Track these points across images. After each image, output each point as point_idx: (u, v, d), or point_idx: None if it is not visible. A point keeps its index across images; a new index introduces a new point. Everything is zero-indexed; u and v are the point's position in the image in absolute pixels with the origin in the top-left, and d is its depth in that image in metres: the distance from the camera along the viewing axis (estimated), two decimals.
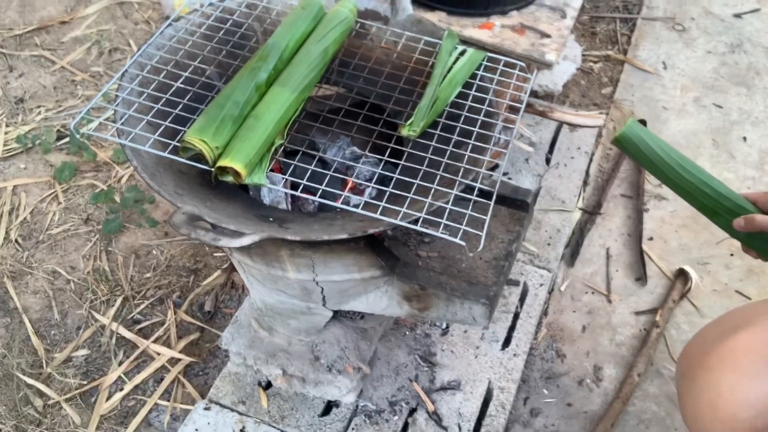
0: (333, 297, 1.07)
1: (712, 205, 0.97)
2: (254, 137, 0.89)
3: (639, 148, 0.98)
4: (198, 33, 1.10)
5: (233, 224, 0.84)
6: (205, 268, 1.63)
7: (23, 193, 1.76)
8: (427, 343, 1.40)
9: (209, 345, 1.49)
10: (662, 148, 0.97)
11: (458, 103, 1.02)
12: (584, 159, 1.82)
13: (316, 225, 0.92)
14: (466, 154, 0.94)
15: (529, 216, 1.13)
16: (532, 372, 1.46)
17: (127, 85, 0.98)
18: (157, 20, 2.24)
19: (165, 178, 0.91)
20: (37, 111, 1.95)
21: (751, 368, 0.85)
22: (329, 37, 1.04)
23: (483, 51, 1.09)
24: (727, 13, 2.38)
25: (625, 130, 0.98)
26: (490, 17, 1.37)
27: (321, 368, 1.21)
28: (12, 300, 1.56)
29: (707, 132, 2.00)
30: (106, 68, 2.08)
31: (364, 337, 1.25)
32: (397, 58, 1.11)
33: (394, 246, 1.06)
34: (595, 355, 1.50)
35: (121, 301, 1.56)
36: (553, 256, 1.58)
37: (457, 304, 0.99)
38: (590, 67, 2.18)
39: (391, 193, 0.90)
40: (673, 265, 1.67)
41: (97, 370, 1.45)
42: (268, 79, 0.98)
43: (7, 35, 2.15)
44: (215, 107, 0.92)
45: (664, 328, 1.53)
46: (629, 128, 0.98)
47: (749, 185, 1.84)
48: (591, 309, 1.59)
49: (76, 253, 1.65)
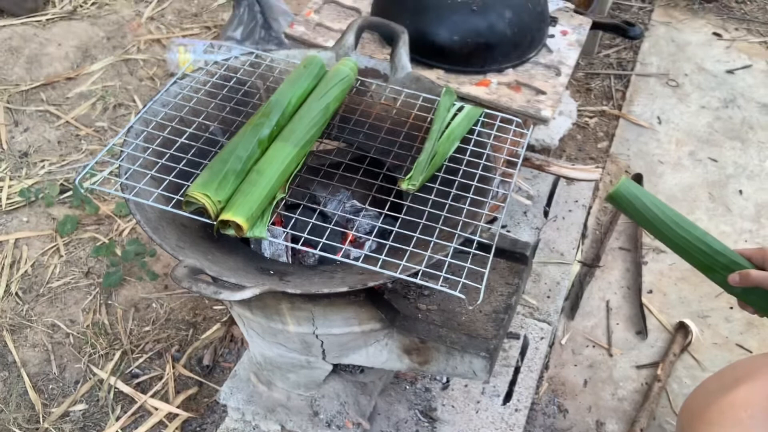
0: (333, 350, 1.07)
1: (708, 262, 0.98)
2: (256, 191, 0.91)
3: (633, 205, 0.99)
4: (202, 90, 1.12)
5: (234, 277, 0.84)
6: (204, 321, 1.62)
7: (25, 246, 1.77)
8: (427, 398, 1.39)
9: (207, 400, 1.48)
10: (656, 204, 0.99)
11: (457, 158, 1.03)
12: (582, 212, 1.83)
13: (316, 278, 0.92)
14: (465, 208, 0.95)
15: (528, 269, 1.13)
16: (534, 428, 1.44)
17: (132, 140, 1.00)
18: (162, 77, 2.29)
19: (167, 231, 0.92)
20: (41, 165, 1.98)
21: (750, 422, 0.84)
22: (330, 94, 1.06)
23: (480, 107, 1.11)
24: (720, 69, 2.43)
25: (618, 187, 0.99)
26: (487, 75, 1.40)
27: (320, 424, 1.19)
28: (10, 353, 1.55)
29: (703, 185, 2.02)
30: (111, 123, 2.12)
31: (364, 391, 1.24)
32: (397, 114, 1.13)
33: (394, 299, 1.07)
34: (597, 410, 1.49)
35: (120, 355, 1.55)
36: (553, 309, 1.58)
37: (457, 358, 0.99)
38: (586, 122, 2.22)
39: (391, 246, 0.90)
40: (673, 318, 1.66)
41: (95, 425, 1.43)
42: (270, 134, 1.00)
43: (14, 91, 2.19)
44: (219, 162, 0.94)
45: (665, 382, 1.52)
46: (622, 185, 0.99)
47: (746, 238, 1.86)
48: (592, 363, 1.58)
49: (75, 306, 1.65)
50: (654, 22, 2.67)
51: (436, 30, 1.38)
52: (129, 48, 2.39)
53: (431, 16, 1.38)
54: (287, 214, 1.00)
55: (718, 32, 2.62)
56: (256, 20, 2.26)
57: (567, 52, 1.48)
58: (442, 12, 1.37)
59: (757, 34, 2.63)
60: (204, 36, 2.46)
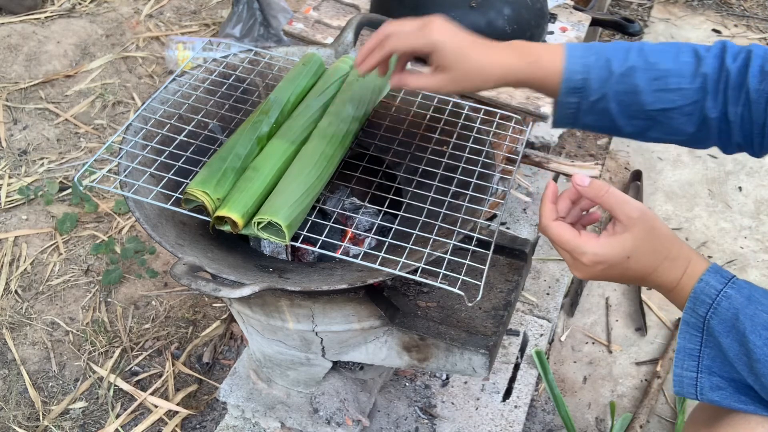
0: (332, 347, 1.07)
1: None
2: (252, 188, 0.91)
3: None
4: (201, 88, 1.12)
5: (234, 275, 0.84)
6: (203, 318, 1.63)
7: (24, 244, 1.77)
8: (427, 395, 1.39)
9: (207, 397, 1.48)
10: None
11: (456, 155, 1.03)
12: None
13: (315, 275, 0.92)
14: (465, 205, 0.95)
15: (528, 265, 1.13)
16: (534, 424, 1.44)
17: (131, 138, 1.00)
18: (161, 74, 2.29)
19: (167, 229, 0.92)
20: (40, 163, 1.98)
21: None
22: (329, 92, 1.06)
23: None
24: None
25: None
26: None
27: (320, 421, 1.19)
28: (10, 351, 1.55)
29: (703, 182, 2.02)
30: (110, 121, 2.12)
31: (364, 388, 1.24)
32: (396, 112, 1.13)
33: (393, 296, 1.07)
34: (596, 407, 1.49)
35: (120, 353, 1.55)
36: (553, 306, 1.58)
37: (457, 354, 0.99)
38: None
39: (391, 244, 0.91)
40: (672, 314, 1.67)
41: (95, 423, 1.44)
42: (269, 132, 1.00)
43: (13, 89, 2.19)
44: (217, 160, 0.94)
45: (665, 379, 1.52)
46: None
47: (746, 235, 1.86)
48: (592, 359, 1.58)
49: (75, 304, 1.65)
50: (653, 18, 2.67)
51: None
52: (128, 45, 2.39)
53: (430, 13, 1.38)
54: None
55: (718, 29, 2.62)
56: (255, 17, 2.26)
57: None
58: (441, 8, 1.37)
59: (757, 30, 2.63)
60: (203, 33, 2.46)
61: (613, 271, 0.81)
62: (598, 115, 0.91)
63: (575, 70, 0.89)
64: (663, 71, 0.87)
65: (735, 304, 0.76)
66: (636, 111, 0.89)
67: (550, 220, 0.83)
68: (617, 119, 0.90)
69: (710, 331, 0.78)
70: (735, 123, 0.87)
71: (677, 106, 0.88)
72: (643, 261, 0.80)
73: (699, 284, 0.78)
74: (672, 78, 0.87)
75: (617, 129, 0.92)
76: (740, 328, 0.75)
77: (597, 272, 0.81)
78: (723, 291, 0.77)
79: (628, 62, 0.88)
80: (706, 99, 0.87)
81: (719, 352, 0.78)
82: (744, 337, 0.75)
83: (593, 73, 0.88)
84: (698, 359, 0.79)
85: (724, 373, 0.79)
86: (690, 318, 0.79)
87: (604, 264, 0.80)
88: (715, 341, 0.78)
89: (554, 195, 0.84)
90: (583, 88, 0.89)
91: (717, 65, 0.86)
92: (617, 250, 0.79)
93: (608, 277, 0.82)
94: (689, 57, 0.88)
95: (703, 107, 0.87)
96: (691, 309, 0.79)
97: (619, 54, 0.89)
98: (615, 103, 0.89)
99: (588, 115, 0.91)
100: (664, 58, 0.88)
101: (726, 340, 0.76)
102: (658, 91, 0.88)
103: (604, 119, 0.91)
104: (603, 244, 0.80)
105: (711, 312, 0.77)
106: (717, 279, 0.78)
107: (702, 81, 0.87)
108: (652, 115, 0.89)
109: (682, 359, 0.80)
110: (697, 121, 0.89)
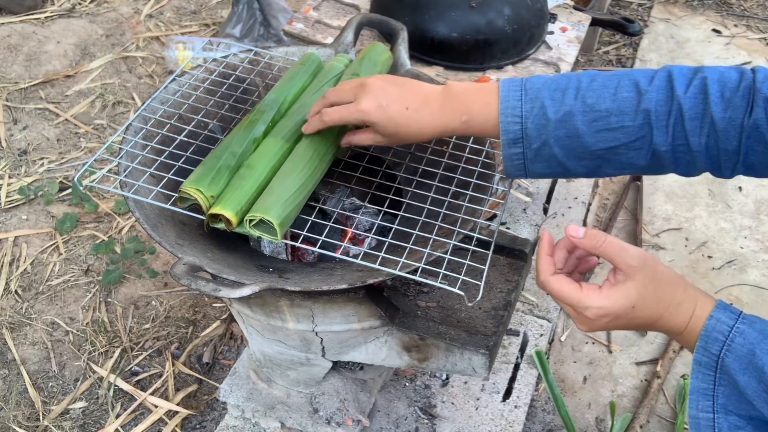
0: (332, 347, 1.07)
1: None
2: (246, 186, 0.91)
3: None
4: (201, 88, 1.12)
5: (233, 275, 0.84)
6: (203, 318, 1.63)
7: (24, 244, 1.77)
8: (427, 395, 1.39)
9: (207, 397, 1.48)
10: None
11: (456, 155, 1.03)
12: (581, 209, 1.83)
13: (315, 275, 0.92)
14: (465, 205, 0.95)
15: (528, 265, 1.13)
16: (534, 424, 1.44)
17: (131, 138, 1.00)
18: (161, 74, 2.29)
19: (167, 229, 0.92)
20: (40, 163, 1.98)
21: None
22: (324, 90, 1.06)
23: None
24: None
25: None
26: (486, 71, 1.40)
27: (320, 421, 1.19)
28: (10, 351, 1.55)
29: (703, 182, 2.02)
30: (110, 121, 2.12)
31: (364, 388, 1.24)
32: None
33: (393, 296, 1.07)
34: (596, 407, 1.49)
35: (120, 353, 1.55)
36: (553, 306, 1.58)
37: (457, 354, 0.99)
38: None
39: (391, 244, 0.91)
40: None
41: (95, 423, 1.44)
42: (265, 131, 1.00)
43: (13, 89, 2.19)
44: (212, 158, 0.94)
45: (665, 379, 1.52)
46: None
47: (746, 235, 1.86)
48: (592, 359, 1.58)
49: (75, 304, 1.65)
50: (653, 18, 2.67)
51: (435, 27, 1.38)
52: (128, 45, 2.39)
53: (430, 13, 1.38)
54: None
55: (718, 29, 2.62)
56: (255, 17, 2.26)
57: (566, 49, 1.48)
58: (442, 8, 1.37)
59: (757, 30, 2.63)
60: (203, 33, 2.46)
61: (619, 322, 0.79)
62: (546, 162, 0.87)
63: (510, 122, 0.86)
64: (602, 111, 0.84)
65: (750, 339, 0.73)
66: (582, 153, 0.86)
67: (549, 274, 0.81)
68: (566, 162, 0.87)
69: (725, 369, 0.75)
70: (699, 153, 0.84)
71: (622, 143, 0.84)
72: (649, 309, 0.78)
73: (710, 321, 0.76)
74: (612, 117, 0.83)
75: (569, 171, 0.89)
76: (758, 364, 0.72)
77: (602, 325, 0.79)
78: (735, 327, 0.74)
79: (565, 106, 0.84)
80: (653, 134, 0.83)
81: (734, 390, 0.75)
82: (763, 373, 0.72)
83: (529, 123, 0.85)
84: (713, 398, 0.76)
85: (741, 411, 0.76)
86: (702, 357, 0.76)
87: (609, 316, 0.78)
88: (730, 379, 0.75)
89: (550, 247, 0.82)
90: (523, 138, 0.86)
91: (662, 97, 0.82)
92: (621, 301, 0.77)
93: (614, 327, 0.80)
94: (629, 92, 0.84)
95: (651, 141, 0.84)
96: (703, 348, 0.76)
97: (556, 96, 0.85)
98: (558, 148, 0.86)
99: (536, 163, 0.88)
100: (602, 97, 0.84)
101: (743, 378, 0.74)
102: (600, 131, 0.84)
103: (553, 164, 0.88)
104: (606, 296, 0.78)
105: (725, 350, 0.74)
106: (727, 315, 0.76)
107: (644, 117, 0.83)
108: (599, 154, 0.86)
109: (697, 399, 0.77)
110: (647, 154, 0.85)
